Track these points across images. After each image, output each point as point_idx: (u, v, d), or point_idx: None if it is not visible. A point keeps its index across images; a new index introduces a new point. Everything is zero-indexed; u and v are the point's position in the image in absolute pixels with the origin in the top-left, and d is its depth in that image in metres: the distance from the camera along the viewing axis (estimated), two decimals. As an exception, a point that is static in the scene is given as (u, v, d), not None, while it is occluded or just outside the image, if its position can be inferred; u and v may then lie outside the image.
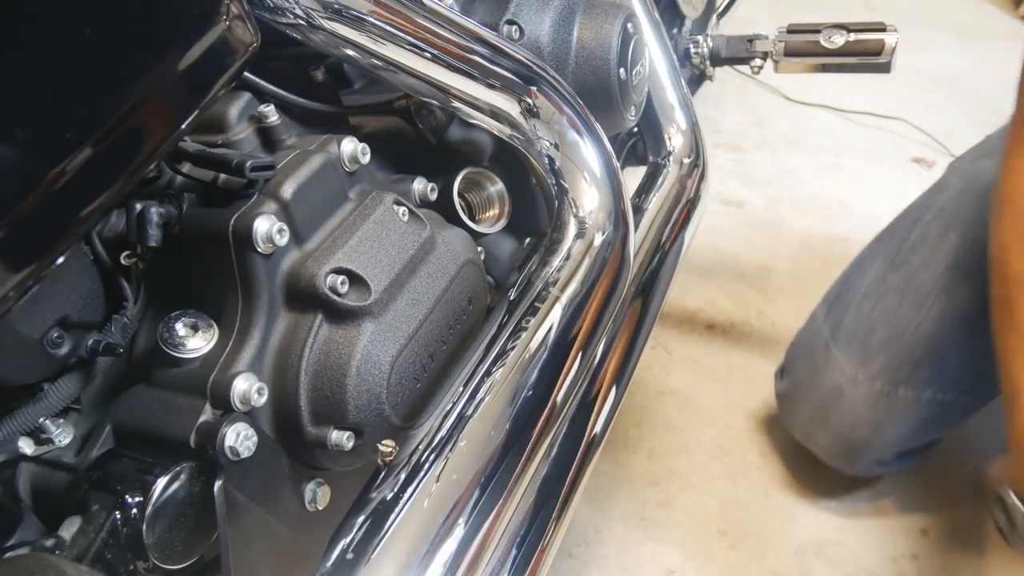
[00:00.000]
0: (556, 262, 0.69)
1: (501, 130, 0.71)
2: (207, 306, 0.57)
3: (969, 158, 1.08)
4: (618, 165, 0.74)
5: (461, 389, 0.60)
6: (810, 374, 1.08)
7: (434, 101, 0.71)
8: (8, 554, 0.49)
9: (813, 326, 1.11)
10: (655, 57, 1.01)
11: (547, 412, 0.62)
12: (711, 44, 1.19)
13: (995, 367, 0.94)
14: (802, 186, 1.79)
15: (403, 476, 0.55)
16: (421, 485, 0.54)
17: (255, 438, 0.53)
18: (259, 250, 0.56)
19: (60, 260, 0.45)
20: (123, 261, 0.58)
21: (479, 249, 0.74)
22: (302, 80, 0.72)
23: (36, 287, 0.49)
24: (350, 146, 0.63)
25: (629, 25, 0.83)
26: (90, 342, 0.54)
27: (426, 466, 0.55)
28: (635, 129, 1.03)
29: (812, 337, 1.10)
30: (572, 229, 0.70)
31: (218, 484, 0.51)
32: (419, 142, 0.79)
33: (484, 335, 0.65)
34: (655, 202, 0.96)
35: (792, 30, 1.15)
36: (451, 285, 0.66)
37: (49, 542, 0.49)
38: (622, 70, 0.82)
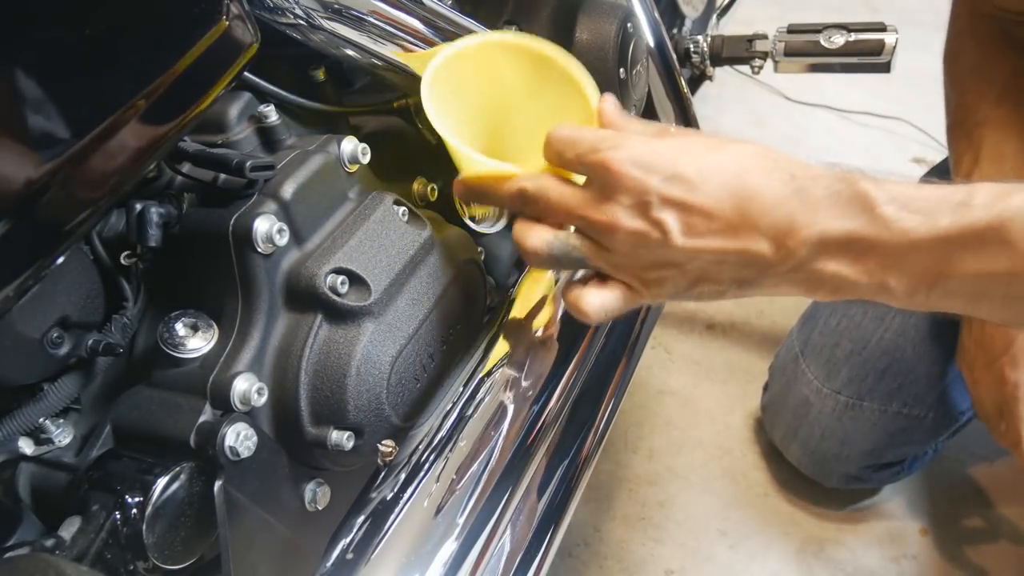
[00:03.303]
0: (556, 262, 0.68)
1: (501, 130, 0.71)
2: (207, 306, 0.57)
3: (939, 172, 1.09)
4: (618, 165, 0.74)
5: (461, 389, 0.60)
6: (783, 387, 1.10)
7: (434, 101, 0.71)
8: (8, 554, 0.49)
9: (788, 341, 1.13)
10: (655, 57, 1.01)
11: (547, 412, 0.62)
12: (711, 44, 1.19)
13: (957, 388, 0.95)
14: (802, 186, 1.79)
15: (403, 476, 0.55)
16: (421, 485, 0.54)
17: (255, 438, 0.53)
18: (259, 250, 0.56)
19: (60, 260, 0.45)
20: (123, 261, 0.58)
21: (479, 249, 0.74)
22: (302, 80, 0.72)
23: (36, 287, 0.49)
24: (350, 146, 0.63)
25: (628, 25, 0.83)
26: (90, 342, 0.54)
27: (426, 466, 0.55)
28: (635, 129, 1.03)
29: (787, 352, 1.12)
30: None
31: (218, 484, 0.51)
32: (419, 142, 0.79)
33: (484, 335, 0.65)
34: (655, 202, 0.95)
35: (792, 30, 1.15)
36: (451, 285, 0.66)
37: (49, 542, 0.49)
38: (622, 70, 0.82)
